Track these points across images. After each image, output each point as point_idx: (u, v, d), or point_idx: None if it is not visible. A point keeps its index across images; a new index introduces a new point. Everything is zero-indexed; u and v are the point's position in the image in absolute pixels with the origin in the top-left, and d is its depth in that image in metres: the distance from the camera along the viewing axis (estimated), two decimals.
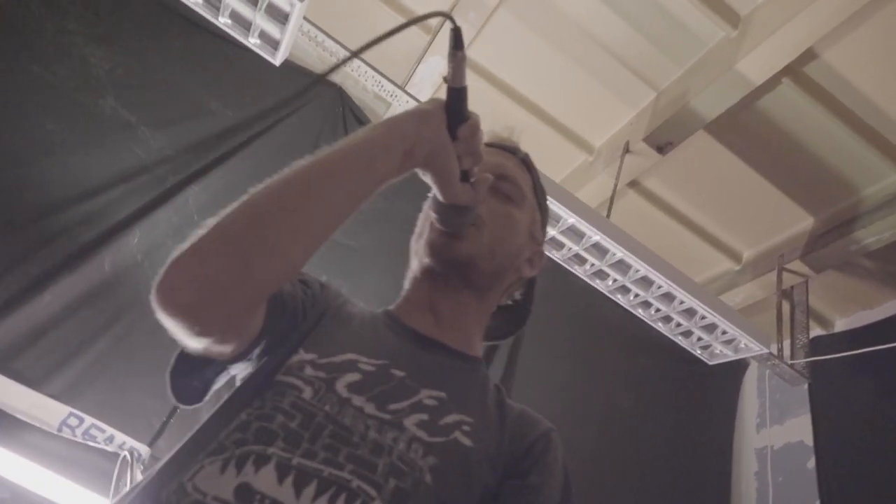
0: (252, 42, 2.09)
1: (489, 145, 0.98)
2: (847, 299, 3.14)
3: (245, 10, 1.99)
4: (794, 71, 2.38)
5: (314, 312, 0.82)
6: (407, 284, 0.95)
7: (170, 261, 0.62)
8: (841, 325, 3.22)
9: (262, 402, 0.70)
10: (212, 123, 2.61)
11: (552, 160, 3.02)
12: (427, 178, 0.80)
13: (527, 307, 1.03)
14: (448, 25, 0.73)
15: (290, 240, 0.65)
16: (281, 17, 1.99)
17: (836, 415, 2.96)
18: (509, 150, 1.02)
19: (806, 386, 3.05)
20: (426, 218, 0.92)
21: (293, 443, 0.65)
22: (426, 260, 0.89)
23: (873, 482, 2.66)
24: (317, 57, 2.70)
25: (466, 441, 0.74)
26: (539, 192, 1.02)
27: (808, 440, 3.00)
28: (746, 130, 2.65)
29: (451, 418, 0.76)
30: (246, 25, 2.06)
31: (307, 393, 0.71)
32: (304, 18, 2.11)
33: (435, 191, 0.81)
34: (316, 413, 0.69)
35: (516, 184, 0.96)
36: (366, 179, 0.72)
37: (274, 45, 2.08)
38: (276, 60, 2.14)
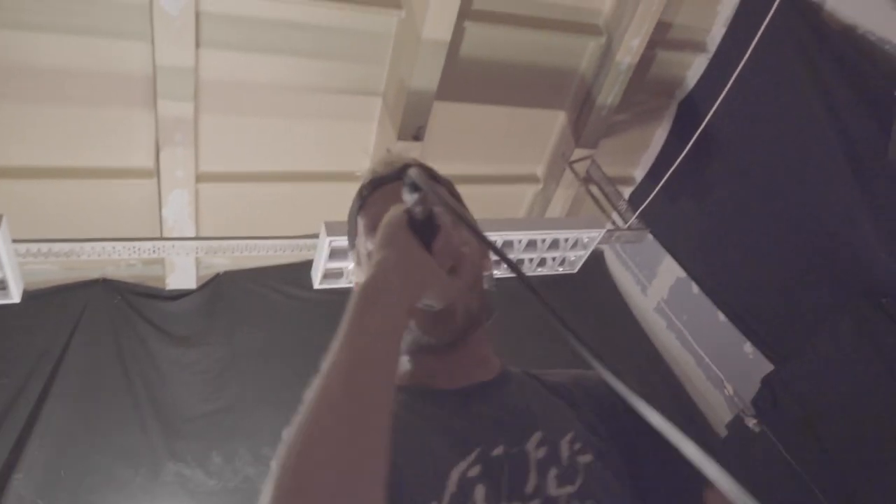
0: None
1: (385, 181, 0.93)
2: (629, 152, 3.53)
3: None
4: (467, 12, 2.59)
5: None
6: (404, 356, 0.89)
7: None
8: (639, 174, 3.60)
9: None
10: None
11: (338, 207, 3.01)
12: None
13: (493, 286, 1.02)
14: None
15: (376, 439, 0.60)
16: None
17: (683, 239, 3.33)
18: (401, 177, 0.93)
19: (650, 235, 3.37)
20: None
21: None
22: (431, 342, 0.86)
23: (738, 266, 3.03)
24: (54, 267, 2.44)
25: (587, 458, 0.77)
26: (453, 190, 1.00)
27: (681, 273, 3.33)
28: (467, 80, 2.85)
29: (564, 450, 0.78)
30: None
31: None
32: (15, 241, 1.87)
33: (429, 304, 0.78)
34: None
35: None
36: (392, 358, 0.66)
37: (0, 285, 1.83)
38: (15, 297, 1.88)
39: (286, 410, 0.62)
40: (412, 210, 0.74)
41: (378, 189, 0.93)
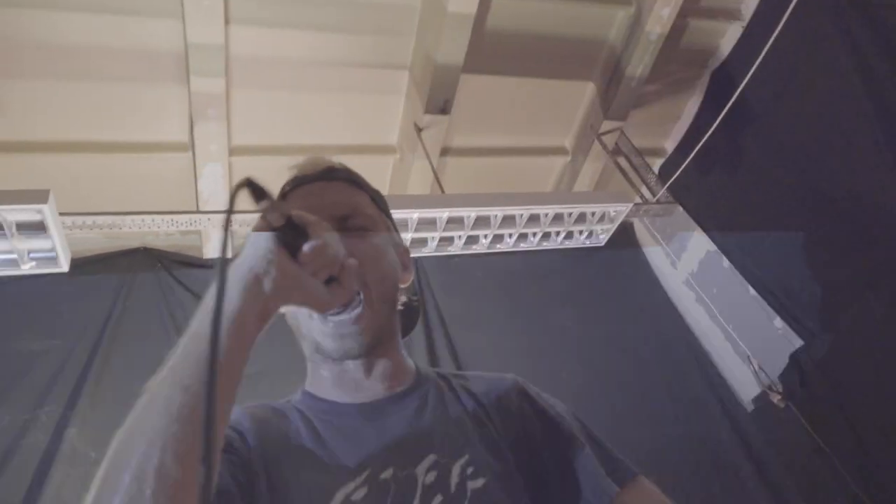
0: (28, 268, 1.95)
1: (304, 181, 0.89)
2: (660, 124, 3.47)
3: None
4: None
5: (265, 468, 0.76)
6: (310, 363, 0.89)
7: None
8: (670, 145, 3.55)
9: None
10: (47, 363, 2.43)
11: (372, 179, 3.07)
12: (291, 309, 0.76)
13: (416, 305, 1.02)
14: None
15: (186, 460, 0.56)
16: (39, 228, 1.87)
17: (714, 212, 3.28)
18: (328, 177, 0.91)
19: (680, 209, 3.34)
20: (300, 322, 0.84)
21: None
22: (335, 356, 0.83)
23: (770, 241, 2.98)
24: (97, 237, 2.57)
25: (479, 483, 0.77)
26: (378, 199, 0.96)
27: (712, 247, 3.30)
28: (495, 52, 2.84)
29: (455, 475, 0.77)
30: (11, 257, 1.91)
31: None
32: (62, 214, 1.99)
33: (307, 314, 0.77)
34: None
35: (360, 212, 0.88)
36: (227, 374, 0.63)
37: (50, 256, 1.95)
38: (64, 266, 2.00)
39: None
40: (267, 218, 0.68)
41: (299, 187, 0.89)
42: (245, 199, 0.64)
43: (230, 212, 0.62)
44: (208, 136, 2.59)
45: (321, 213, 0.74)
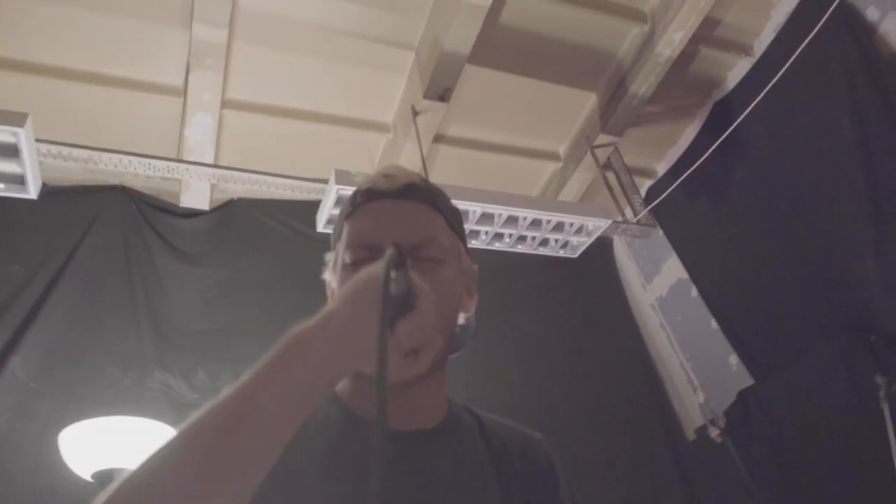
0: None
1: (379, 195, 0.83)
2: (655, 145, 3.49)
3: None
4: None
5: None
6: (354, 377, 0.81)
7: None
8: (662, 168, 3.57)
9: None
10: (2, 288, 2.40)
11: (361, 154, 3.06)
12: None
13: (472, 323, 0.93)
14: None
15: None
16: (12, 152, 1.84)
17: (691, 241, 3.32)
18: (405, 195, 0.84)
19: (660, 232, 3.37)
20: None
21: None
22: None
23: (740, 274, 3.03)
24: (77, 168, 2.53)
25: None
26: (454, 221, 0.89)
27: (684, 274, 3.34)
28: (503, 47, 2.82)
29: None
30: None
31: None
32: (40, 141, 1.96)
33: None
34: None
35: (434, 241, 0.82)
36: (288, 431, 0.60)
37: (19, 180, 1.93)
38: (32, 193, 1.98)
39: (273, 341, 0.61)
40: (389, 282, 0.63)
41: (372, 201, 0.84)
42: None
43: (387, 280, 0.60)
44: (203, 85, 2.55)
45: (394, 238, 0.70)
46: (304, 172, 2.75)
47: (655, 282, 3.55)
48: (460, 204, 2.43)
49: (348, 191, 2.28)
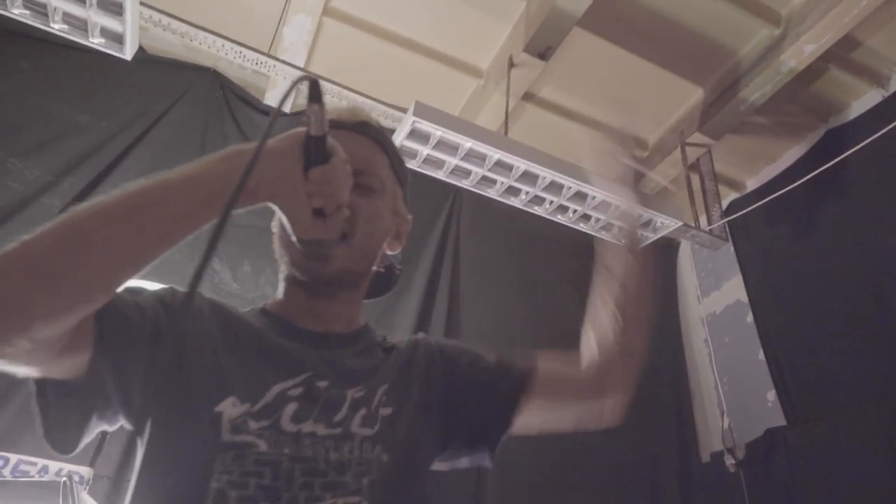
0: (95, 42, 1.98)
1: (339, 125, 0.93)
2: (751, 159, 3.28)
3: (76, 10, 1.88)
4: None
5: (198, 346, 0.81)
6: (282, 284, 0.95)
7: None
8: (752, 184, 3.37)
9: (226, 467, 0.72)
10: (86, 138, 2.51)
11: (446, 93, 3.01)
12: (277, 212, 0.80)
13: (395, 273, 1.06)
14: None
15: (97, 268, 0.66)
16: (115, 9, 1.89)
17: (762, 266, 3.14)
18: (360, 130, 0.97)
19: (731, 248, 3.20)
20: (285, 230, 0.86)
21: (274, 498, 0.72)
22: (296, 275, 0.90)
23: (803, 314, 2.85)
24: (177, 42, 2.59)
25: (388, 410, 0.85)
26: (397, 167, 1.00)
27: (744, 297, 3.18)
28: (619, 18, 2.68)
29: (377, 398, 0.85)
30: (83, 26, 1.94)
31: (262, 445, 0.75)
32: (144, 5, 2.00)
33: (285, 225, 0.79)
34: (280, 460, 0.74)
35: (374, 173, 0.94)
36: (198, 214, 0.71)
37: (118, 39, 1.98)
38: (127, 55, 2.04)
39: None
40: (308, 120, 0.73)
41: (334, 129, 0.90)
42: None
43: (287, 94, 0.71)
44: None
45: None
46: (385, 98, 2.72)
47: (712, 297, 3.40)
48: (532, 167, 2.37)
49: (424, 125, 2.27)
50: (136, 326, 0.76)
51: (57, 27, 1.94)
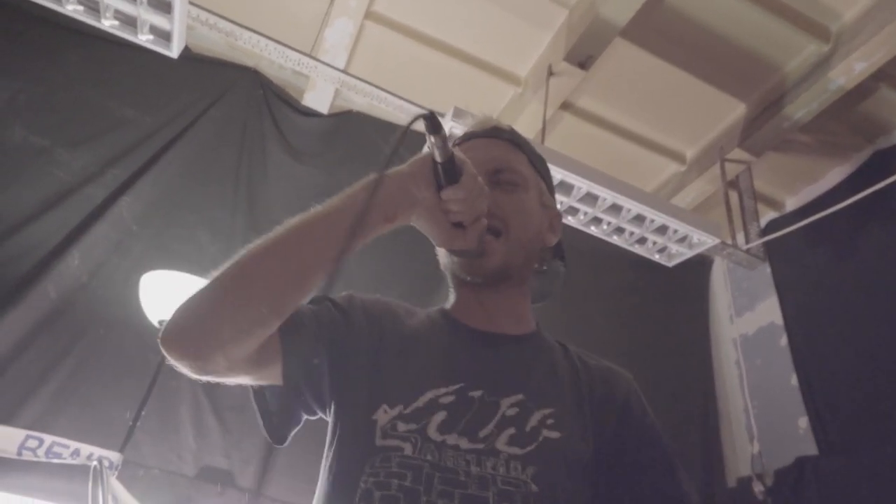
0: (143, 39, 2.03)
1: (473, 136, 1.03)
2: (792, 178, 3.20)
3: (127, 7, 1.93)
4: None
5: (368, 341, 0.89)
6: (452, 287, 1.01)
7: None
8: (791, 204, 3.29)
9: (374, 468, 0.77)
10: (131, 132, 2.57)
11: (484, 99, 3.01)
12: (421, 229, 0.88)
13: (560, 269, 1.09)
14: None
15: (262, 299, 0.76)
16: (165, 7, 1.93)
17: (800, 289, 3.05)
18: (493, 135, 1.04)
19: (768, 269, 3.12)
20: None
21: (413, 500, 0.74)
22: (462, 276, 0.95)
23: (841, 341, 2.77)
24: (221, 42, 2.64)
25: (554, 434, 0.83)
26: (536, 162, 1.05)
27: (778, 320, 3.10)
28: (661, 29, 2.64)
29: (534, 419, 0.83)
30: (133, 23, 2.00)
31: (408, 449, 0.78)
32: (192, 4, 2.04)
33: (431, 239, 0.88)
34: (422, 466, 0.77)
35: (513, 169, 0.99)
36: (347, 243, 0.77)
37: (166, 37, 2.03)
38: (173, 52, 2.08)
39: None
40: (432, 150, 0.79)
41: (467, 141, 1.04)
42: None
43: (405, 130, 0.78)
44: None
45: (479, 166, 0.87)
46: (424, 102, 2.73)
47: (745, 317, 3.32)
48: (568, 177, 2.35)
49: (461, 130, 2.27)
50: (314, 336, 0.85)
51: (108, 24, 1.99)
